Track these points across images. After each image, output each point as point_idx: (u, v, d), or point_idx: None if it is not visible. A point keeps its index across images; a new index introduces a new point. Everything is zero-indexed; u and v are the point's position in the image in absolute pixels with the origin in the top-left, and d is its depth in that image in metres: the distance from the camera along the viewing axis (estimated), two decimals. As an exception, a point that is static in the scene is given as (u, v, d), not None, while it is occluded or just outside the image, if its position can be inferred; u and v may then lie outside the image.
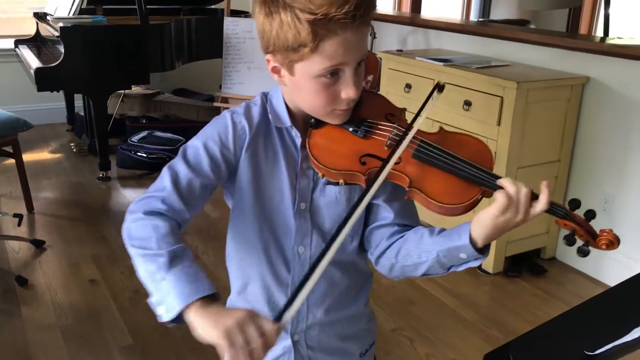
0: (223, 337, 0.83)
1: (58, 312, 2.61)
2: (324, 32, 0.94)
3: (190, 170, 1.04)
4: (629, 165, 2.85)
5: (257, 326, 0.85)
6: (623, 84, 2.82)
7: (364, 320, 1.26)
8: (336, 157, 1.04)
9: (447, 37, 3.76)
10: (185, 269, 0.92)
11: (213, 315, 0.87)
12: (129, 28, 3.99)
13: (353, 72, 1.00)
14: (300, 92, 1.04)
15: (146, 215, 0.99)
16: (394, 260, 1.09)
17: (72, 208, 3.71)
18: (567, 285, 2.94)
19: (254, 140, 1.08)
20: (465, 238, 0.98)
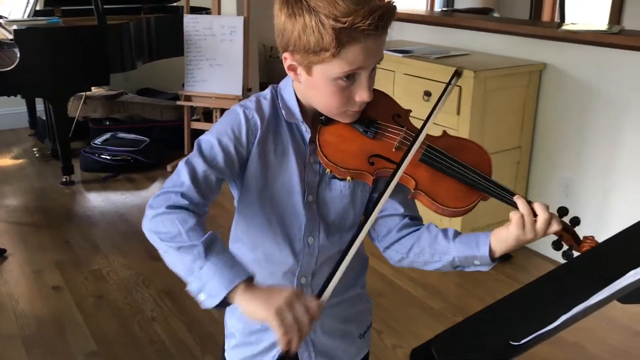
0: (275, 316, 0.87)
1: (20, 322, 2.56)
2: (347, 40, 0.97)
3: (206, 165, 1.05)
4: (587, 149, 2.88)
5: (304, 304, 0.90)
6: (578, 69, 2.85)
7: (362, 301, 1.30)
8: (346, 156, 1.08)
9: (409, 28, 3.76)
10: (221, 255, 0.94)
11: (261, 296, 0.91)
12: (86, 29, 3.91)
13: (369, 76, 1.03)
14: (315, 91, 1.07)
15: (170, 209, 0.99)
16: (404, 255, 1.15)
17: (35, 214, 3.64)
18: (531, 270, 2.98)
19: (265, 134, 1.10)
20: (484, 250, 1.05)
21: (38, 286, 2.84)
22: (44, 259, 3.08)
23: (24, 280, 2.89)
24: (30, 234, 3.37)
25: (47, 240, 3.28)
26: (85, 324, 2.55)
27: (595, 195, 2.86)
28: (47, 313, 2.63)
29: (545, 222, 1.01)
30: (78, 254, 3.12)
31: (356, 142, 1.09)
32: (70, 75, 3.85)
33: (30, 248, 3.20)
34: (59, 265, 3.01)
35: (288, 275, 1.17)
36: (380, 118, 1.11)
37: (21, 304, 2.69)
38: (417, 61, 3.02)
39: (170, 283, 2.86)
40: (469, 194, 1.05)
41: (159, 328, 2.52)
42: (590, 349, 2.38)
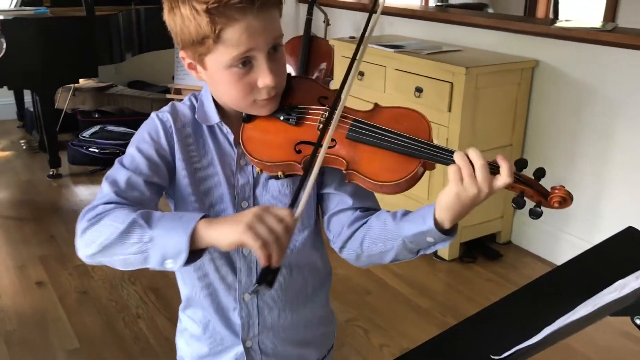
0: (247, 231, 0.82)
1: (1, 317, 2.52)
2: (223, 20, 0.91)
3: (130, 173, 0.99)
4: (579, 147, 2.86)
5: (274, 214, 0.84)
6: (571, 66, 2.82)
7: (322, 323, 1.22)
8: (271, 149, 1.00)
9: (401, 23, 3.72)
10: (163, 217, 0.89)
11: (227, 221, 0.86)
12: (74, 20, 3.85)
13: (266, 58, 0.96)
14: (217, 85, 1.01)
15: (95, 218, 0.92)
16: (359, 251, 1.04)
17: (21, 207, 3.59)
18: (521, 269, 2.95)
19: (183, 138, 1.04)
20: (430, 222, 0.93)
21: (21, 281, 2.79)
22: (28, 253, 3.03)
23: (7, 275, 2.85)
24: (15, 227, 3.32)
25: (32, 235, 3.23)
26: (68, 320, 2.51)
27: (587, 194, 2.84)
28: (29, 309, 2.59)
29: (483, 168, 0.88)
30: (63, 249, 3.07)
31: (279, 133, 1.01)
32: (57, 67, 3.79)
33: (14, 242, 3.15)
34: (43, 260, 2.97)
35: (231, 292, 1.10)
36: (302, 102, 1.03)
37: (3, 299, 2.65)
38: (408, 57, 2.98)
39: (156, 280, 2.82)
40: (406, 163, 0.94)
41: (143, 325, 2.49)
42: (580, 349, 2.36)
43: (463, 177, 0.88)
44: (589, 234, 2.85)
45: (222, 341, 1.14)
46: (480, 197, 0.89)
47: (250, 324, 1.12)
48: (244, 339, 1.13)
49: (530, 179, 0.92)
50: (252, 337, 1.13)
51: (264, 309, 1.12)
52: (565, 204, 0.91)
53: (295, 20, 4.66)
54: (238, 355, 1.14)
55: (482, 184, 0.88)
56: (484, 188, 0.88)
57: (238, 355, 1.14)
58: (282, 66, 1.00)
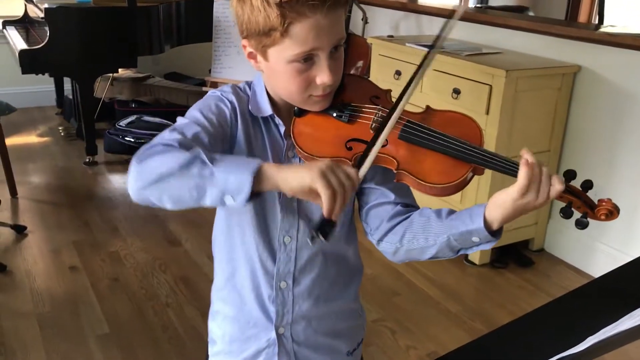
0: (320, 178, 0.83)
1: (35, 299, 2.58)
2: (293, 15, 0.93)
3: (197, 127, 0.98)
4: (619, 156, 2.79)
5: (343, 169, 0.86)
6: (615, 73, 2.75)
7: (353, 316, 1.23)
8: (321, 145, 1.01)
9: (440, 23, 3.67)
10: (226, 156, 0.90)
11: (295, 167, 0.87)
12: (116, 10, 3.91)
13: (328, 57, 0.97)
14: (275, 77, 1.02)
15: (153, 150, 0.90)
16: (398, 245, 1.05)
17: (57, 193, 3.66)
18: (553, 278, 2.90)
19: (244, 120, 1.06)
20: (479, 221, 0.94)
21: (55, 265, 2.85)
22: (62, 238, 3.09)
23: (42, 258, 2.91)
24: (51, 212, 3.39)
25: (67, 220, 3.29)
26: (99, 305, 2.55)
27: (625, 204, 2.76)
28: (62, 292, 2.64)
29: (548, 178, 0.89)
30: (96, 235, 3.12)
31: (331, 129, 1.02)
32: (98, 56, 3.86)
33: (49, 227, 3.21)
34: (77, 246, 3.02)
35: (268, 279, 1.12)
36: (355, 101, 1.04)
37: (38, 282, 2.70)
38: (447, 57, 2.95)
39: (186, 269, 2.85)
40: (457, 167, 0.95)
41: (172, 314, 2.51)
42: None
43: (530, 186, 0.89)
44: (625, 245, 2.79)
45: (256, 325, 1.15)
46: (534, 204, 0.90)
47: (284, 312, 1.14)
48: (277, 325, 1.14)
49: (579, 190, 0.93)
50: (285, 324, 1.15)
51: (299, 298, 1.14)
52: (612, 217, 0.93)
53: (333, 17, 4.65)
54: (270, 342, 1.15)
55: (541, 192, 0.90)
56: (541, 196, 0.90)
57: (270, 341, 1.15)
58: (340, 65, 1.01)
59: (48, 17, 3.62)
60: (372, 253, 1.13)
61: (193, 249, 3.03)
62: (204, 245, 3.07)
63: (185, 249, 3.04)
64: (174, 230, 3.22)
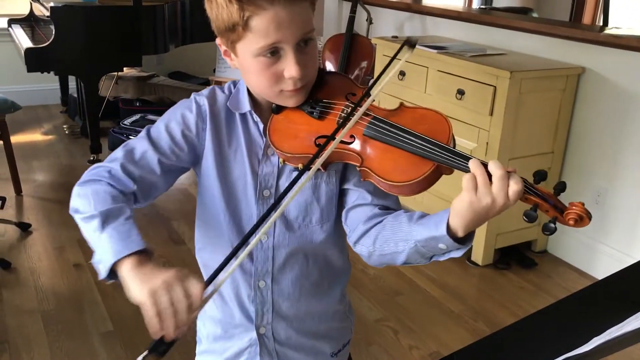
0: (148, 296, 0.81)
1: (40, 296, 2.59)
2: (251, 8, 0.94)
3: (148, 144, 1.04)
4: (623, 159, 2.79)
5: (184, 287, 0.83)
6: (619, 75, 2.76)
7: (336, 318, 1.22)
8: (293, 141, 1.01)
9: (444, 24, 3.69)
10: (118, 227, 0.92)
11: (143, 274, 0.86)
12: (121, 9, 3.92)
13: (294, 49, 0.97)
14: (247, 73, 1.04)
15: (87, 183, 1.00)
16: (371, 248, 1.03)
17: (61, 191, 3.67)
18: (556, 279, 2.90)
19: (214, 123, 1.07)
20: (442, 228, 0.90)
21: (59, 263, 2.86)
22: (67, 236, 3.10)
23: (46, 256, 2.92)
24: (55, 210, 3.40)
25: (71, 218, 3.28)
26: (103, 303, 2.56)
27: (628, 206, 2.78)
28: (66, 290, 2.65)
29: (501, 179, 0.83)
30: (101, 233, 3.13)
31: (303, 125, 1.02)
32: (103, 55, 3.86)
33: (54, 224, 3.23)
34: (81, 243, 3.02)
35: (247, 278, 1.12)
36: (329, 97, 1.04)
37: (42, 279, 2.71)
38: (451, 58, 2.95)
39: (190, 268, 2.85)
40: (419, 165, 0.91)
41: (175, 312, 2.52)
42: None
43: (478, 186, 0.85)
44: (629, 247, 2.79)
45: (237, 325, 1.16)
46: (495, 207, 0.85)
47: (264, 311, 1.14)
48: (257, 325, 1.14)
49: (547, 193, 0.87)
50: (266, 324, 1.15)
51: (279, 298, 1.13)
52: (582, 223, 0.85)
53: (338, 17, 4.66)
54: (252, 341, 1.16)
55: (497, 194, 0.84)
56: (498, 199, 0.84)
57: (252, 340, 1.16)
58: (311, 59, 1.01)
59: (54, 15, 3.63)
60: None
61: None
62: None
63: (189, 248, 3.05)
64: (177, 229, 3.23)
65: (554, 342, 0.70)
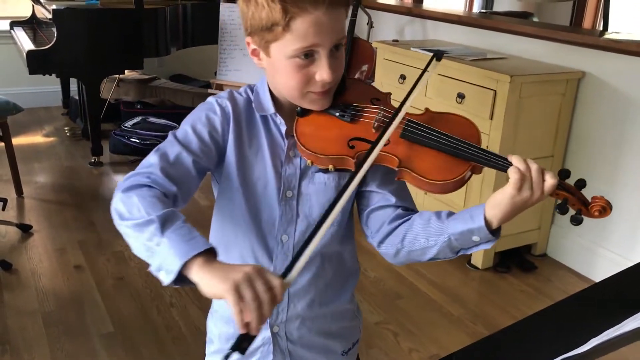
0: (232, 291, 0.80)
1: (40, 297, 2.60)
2: (295, 10, 0.95)
3: (179, 146, 1.03)
4: (622, 162, 2.80)
5: (265, 280, 0.82)
6: (619, 79, 2.77)
7: (347, 317, 1.24)
8: (324, 143, 1.04)
9: (445, 28, 3.71)
10: (179, 229, 0.89)
11: (219, 270, 0.84)
12: (123, 12, 3.94)
13: (328, 54, 1.00)
14: (276, 73, 1.05)
15: (130, 190, 0.96)
16: (399, 246, 1.08)
17: (62, 193, 3.68)
18: (556, 282, 2.91)
19: (237, 125, 1.08)
20: (479, 220, 0.97)
21: (60, 264, 2.87)
22: (68, 237, 3.11)
23: (47, 257, 2.93)
24: (56, 212, 3.41)
25: (72, 220, 3.32)
26: (104, 304, 2.57)
27: (628, 210, 2.78)
28: (67, 291, 2.66)
29: (538, 172, 0.94)
30: (102, 235, 3.14)
31: (334, 128, 1.06)
32: (105, 57, 3.88)
33: (55, 226, 3.23)
34: (82, 245, 3.04)
35: None
36: (357, 102, 1.08)
37: (43, 281, 2.72)
38: (452, 62, 2.96)
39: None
40: (457, 165, 0.99)
41: (176, 314, 2.53)
42: None
43: (524, 181, 0.93)
44: (628, 251, 2.80)
45: None
46: (531, 200, 0.94)
47: (279, 311, 1.15)
48: (271, 324, 1.16)
49: (573, 188, 0.97)
50: (280, 323, 1.16)
51: (294, 298, 1.15)
52: (605, 214, 0.96)
53: (338, 21, 4.67)
54: (265, 340, 1.16)
55: (535, 187, 0.93)
56: (536, 192, 0.94)
57: (265, 339, 1.16)
58: (340, 64, 1.03)
59: (56, 18, 3.65)
60: (375, 256, 1.15)
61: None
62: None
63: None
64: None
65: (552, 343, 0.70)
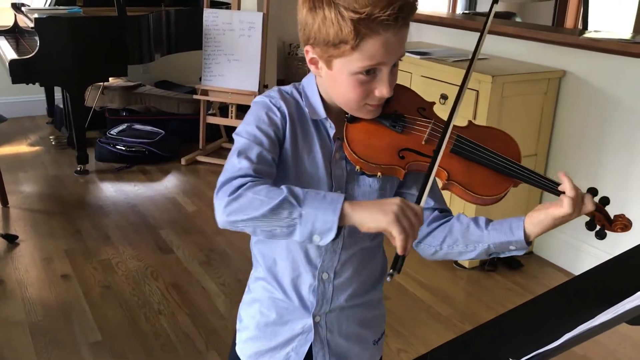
0: (395, 222, 0.91)
1: (27, 308, 2.58)
2: (366, 32, 0.97)
3: (256, 146, 1.04)
4: (603, 159, 2.84)
5: (412, 209, 0.93)
6: (600, 78, 2.80)
7: (379, 307, 1.29)
8: (375, 151, 1.08)
9: (427, 30, 3.73)
10: (308, 195, 0.94)
11: (374, 206, 0.93)
12: (106, 19, 3.93)
13: (389, 71, 1.02)
14: (335, 85, 1.07)
15: (238, 189, 0.95)
16: (437, 248, 1.15)
17: (48, 202, 3.67)
18: (542, 279, 2.94)
19: (292, 123, 1.10)
20: (519, 234, 1.06)
21: (47, 274, 2.85)
22: (54, 246, 3.10)
23: (34, 267, 2.91)
24: (42, 221, 3.39)
25: (58, 229, 3.30)
26: (91, 313, 2.56)
27: (611, 206, 2.81)
28: (54, 301, 2.65)
29: (579, 197, 1.03)
30: (88, 244, 3.13)
31: (385, 137, 1.09)
32: (89, 65, 3.87)
33: (41, 235, 3.22)
34: (69, 254, 3.03)
35: (311, 269, 1.16)
36: (406, 112, 1.12)
37: (30, 291, 2.71)
38: (434, 63, 2.99)
39: (178, 276, 2.86)
40: (502, 181, 1.07)
41: (164, 321, 2.53)
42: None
43: (574, 207, 1.02)
44: (611, 246, 2.82)
45: (293, 312, 1.19)
46: (569, 219, 1.04)
47: (324, 302, 1.18)
48: (314, 313, 1.18)
49: (600, 206, 1.08)
50: (322, 313, 1.19)
51: (338, 291, 1.18)
52: (626, 229, 1.09)
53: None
54: (305, 328, 1.19)
55: (577, 209, 1.03)
56: (576, 212, 1.03)
57: (305, 327, 1.19)
58: (395, 78, 1.06)
59: (38, 27, 3.64)
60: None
61: (184, 256, 3.05)
62: (195, 252, 3.09)
63: (177, 256, 3.05)
64: (165, 238, 3.24)
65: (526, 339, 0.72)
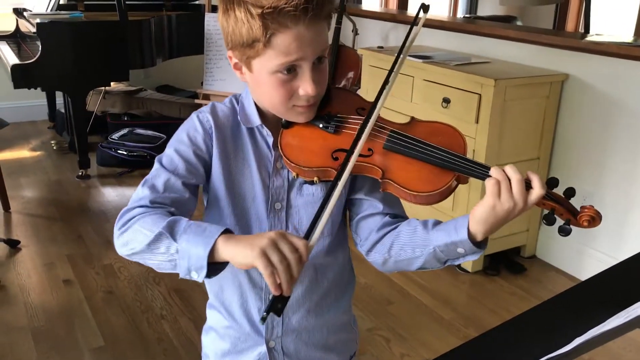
0: (260, 256, 0.84)
1: (30, 313, 2.57)
2: (275, 26, 0.94)
3: (166, 173, 1.03)
4: (607, 163, 2.83)
5: (289, 242, 0.86)
6: (602, 81, 2.80)
7: (345, 329, 1.23)
8: (308, 155, 1.03)
9: (429, 33, 3.73)
10: (188, 228, 0.91)
11: (244, 240, 0.88)
12: (107, 24, 3.93)
13: (310, 68, 0.98)
14: (259, 88, 1.04)
15: (126, 224, 0.97)
16: (386, 255, 1.07)
17: (50, 207, 3.66)
18: (545, 284, 2.93)
19: (221, 137, 1.07)
20: (463, 233, 0.96)
21: (49, 279, 2.85)
22: (56, 252, 3.09)
23: (36, 272, 2.90)
24: (44, 226, 3.39)
25: (60, 234, 3.29)
26: (94, 318, 2.55)
27: (614, 210, 2.81)
28: (56, 306, 2.64)
29: (520, 183, 0.91)
30: (90, 249, 3.12)
31: (318, 140, 1.04)
32: (90, 70, 3.87)
33: (43, 240, 3.21)
34: (71, 259, 3.02)
35: (257, 291, 1.12)
36: (341, 112, 1.06)
37: (32, 296, 2.70)
38: (436, 67, 2.99)
39: (180, 281, 2.85)
40: (441, 175, 0.97)
41: (167, 326, 2.52)
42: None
43: (501, 191, 0.91)
44: (615, 250, 2.82)
45: (246, 340, 1.16)
46: (515, 211, 0.92)
47: (274, 325, 1.14)
48: (267, 339, 1.15)
49: (561, 197, 0.94)
50: (275, 337, 1.15)
51: (289, 311, 1.13)
52: (594, 223, 0.95)
53: (323, 29, 4.69)
54: (261, 355, 1.16)
55: (518, 198, 0.91)
56: (519, 202, 0.91)
57: (261, 355, 1.16)
58: (324, 76, 1.02)
59: (40, 32, 3.64)
60: (365, 262, 1.15)
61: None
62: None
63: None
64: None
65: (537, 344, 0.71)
